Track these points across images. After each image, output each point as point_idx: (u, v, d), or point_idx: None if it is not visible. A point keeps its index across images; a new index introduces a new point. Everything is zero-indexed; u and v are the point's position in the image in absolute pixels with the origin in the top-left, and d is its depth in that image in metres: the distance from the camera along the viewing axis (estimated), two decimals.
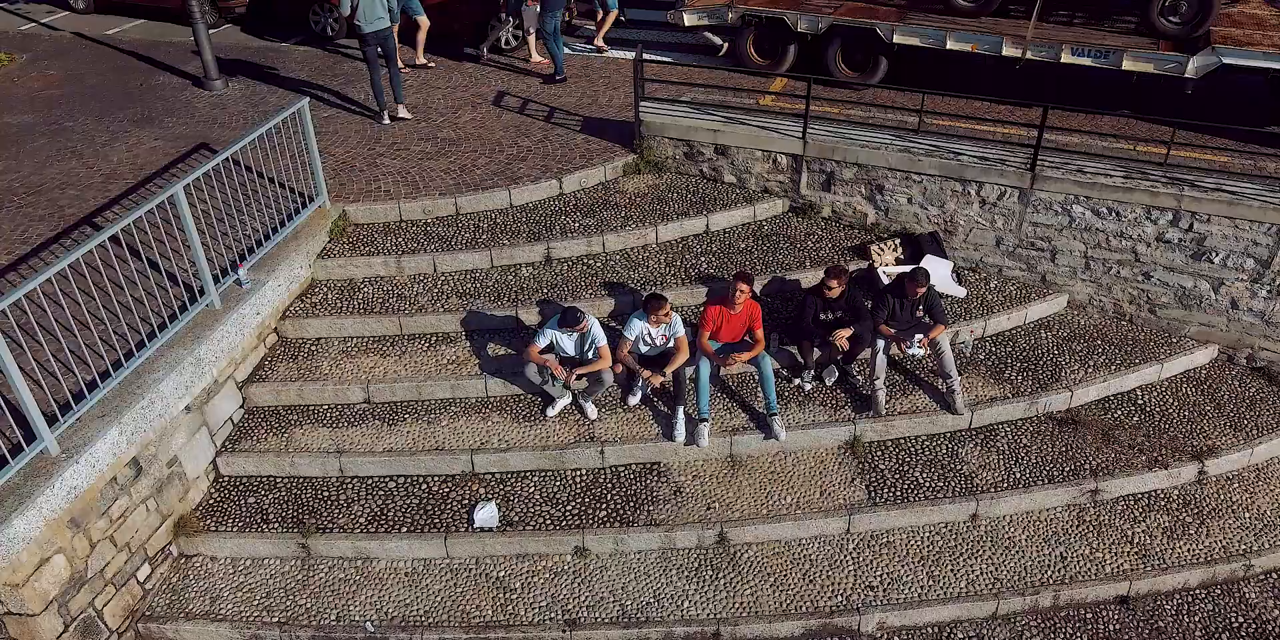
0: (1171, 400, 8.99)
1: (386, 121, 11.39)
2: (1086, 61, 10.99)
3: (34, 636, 6.50)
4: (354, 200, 9.69)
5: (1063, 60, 11.06)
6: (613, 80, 12.72)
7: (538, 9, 12.23)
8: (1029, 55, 11.11)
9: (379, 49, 11.11)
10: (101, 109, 12.02)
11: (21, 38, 15.10)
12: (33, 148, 10.98)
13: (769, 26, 12.22)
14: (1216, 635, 7.44)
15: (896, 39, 11.55)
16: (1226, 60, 10.29)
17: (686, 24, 12.67)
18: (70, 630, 6.70)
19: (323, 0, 14.34)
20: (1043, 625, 7.46)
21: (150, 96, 12.45)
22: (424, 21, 12.84)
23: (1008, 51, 11.19)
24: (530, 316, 8.84)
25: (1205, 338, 9.41)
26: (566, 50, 13.27)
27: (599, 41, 13.81)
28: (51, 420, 6.48)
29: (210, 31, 14.64)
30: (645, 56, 10.36)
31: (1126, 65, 10.79)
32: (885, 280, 9.05)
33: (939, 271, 9.37)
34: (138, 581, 7.33)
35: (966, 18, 11.72)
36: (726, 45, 13.32)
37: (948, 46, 11.42)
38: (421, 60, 13.16)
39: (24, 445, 6.32)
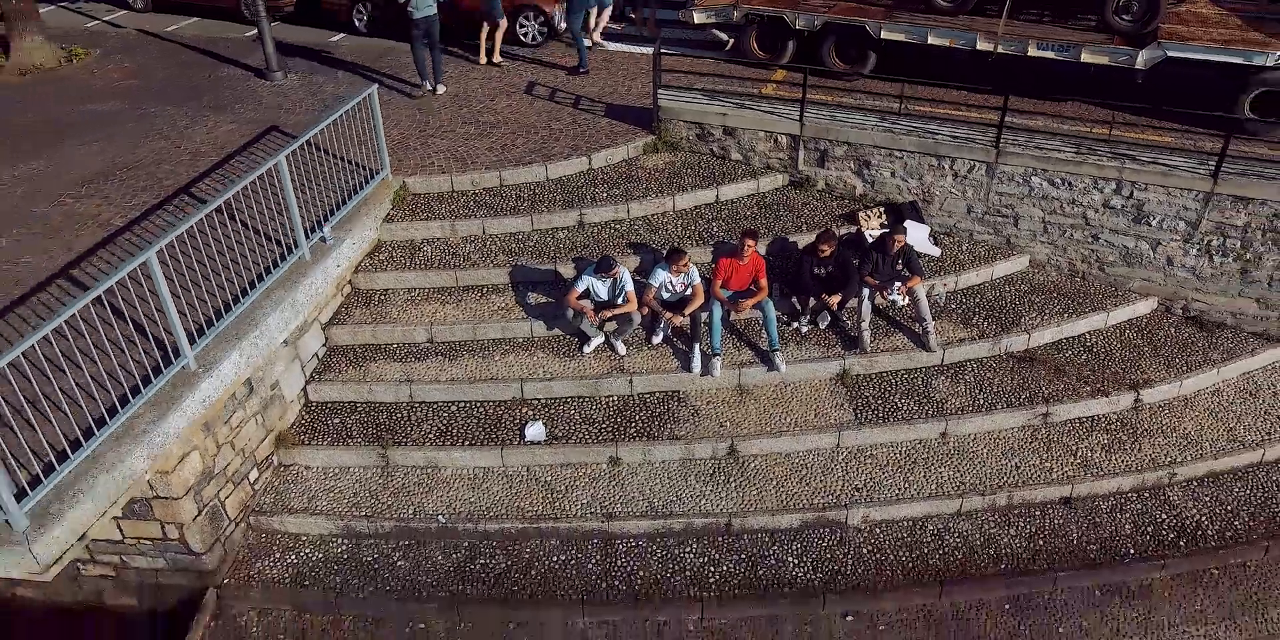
0: (1115, 343, 10.51)
1: (424, 91, 13.04)
2: (1050, 55, 12.46)
3: (175, 517, 8.00)
4: (411, 173, 11.20)
5: (1030, 54, 12.52)
6: (630, 72, 14.20)
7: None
8: (1000, 49, 12.58)
9: (425, 32, 12.68)
10: (177, 97, 13.50)
11: (89, 34, 16.58)
12: (123, 131, 12.48)
13: (770, 24, 13.70)
14: (1143, 529, 8.96)
15: (884, 35, 13.03)
16: (1170, 53, 11.78)
17: (696, 22, 14.14)
18: (202, 515, 8.20)
19: (364, 0, 15.87)
20: (999, 520, 8.98)
21: (218, 86, 13.94)
22: (502, 23, 14.25)
23: (981, 46, 12.66)
24: (567, 271, 10.34)
25: (1146, 291, 10.93)
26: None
27: (596, 36, 15.22)
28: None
29: (250, 33, 16.24)
30: (670, 52, 11.87)
31: (1085, 58, 12.26)
32: (870, 234, 10.57)
33: (917, 235, 10.89)
34: (249, 482, 8.84)
35: (945, 16, 13.19)
36: (732, 41, 14.79)
37: (929, 42, 12.89)
38: (497, 59, 14.53)
39: (171, 359, 7.82)
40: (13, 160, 11.66)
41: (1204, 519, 9.06)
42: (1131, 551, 8.76)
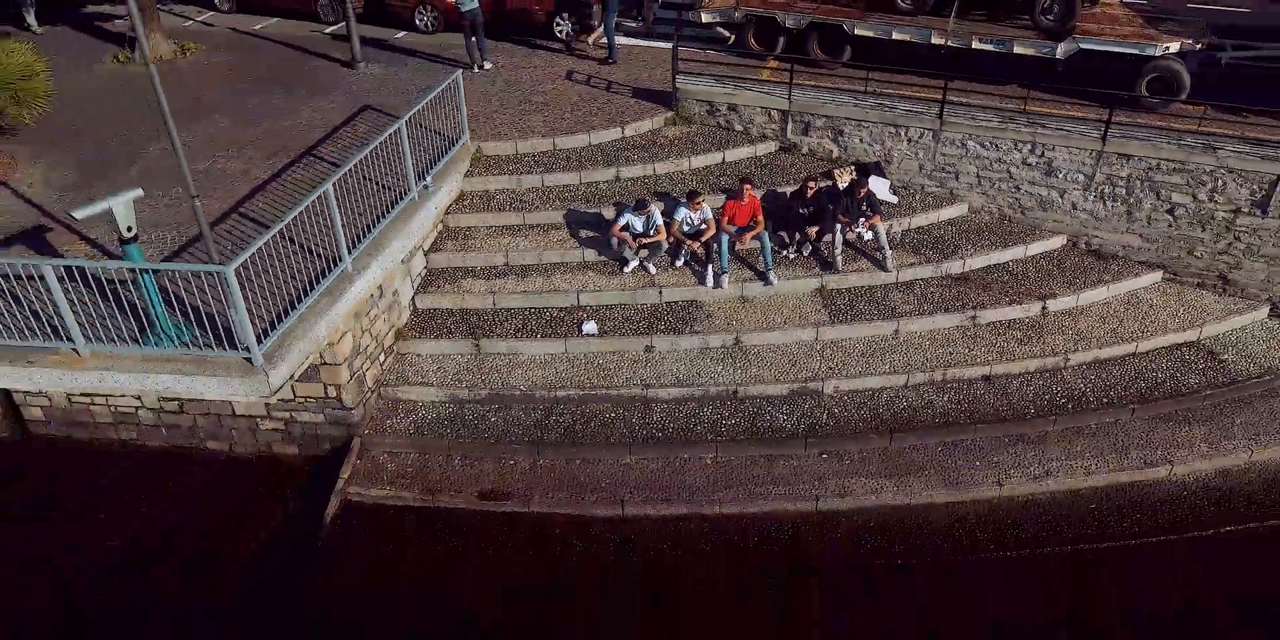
0: (1031, 268, 13.60)
1: (476, 70, 16.14)
2: (989, 47, 15.53)
3: (335, 379, 11.04)
4: (484, 140, 14.27)
5: (973, 46, 15.61)
6: (648, 63, 17.25)
7: None
8: (950, 43, 15.68)
9: (470, 23, 15.82)
10: (281, 83, 16.55)
11: (188, 32, 19.59)
12: (245, 109, 15.52)
13: (764, 22, 16.76)
14: (1042, 397, 12.05)
15: (857, 31, 16.08)
16: (1083, 46, 14.88)
17: (704, 21, 17.22)
18: (352, 379, 11.25)
19: (425, 2, 18.88)
20: (935, 390, 12.07)
21: (312, 75, 16.98)
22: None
23: (935, 40, 15.71)
24: (608, 213, 13.39)
25: (1056, 229, 14.01)
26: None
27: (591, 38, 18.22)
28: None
29: (330, 29, 19.26)
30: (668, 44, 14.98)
31: (1017, 49, 15.33)
32: (841, 186, 13.66)
33: (879, 187, 13.97)
34: (379, 363, 11.91)
35: (907, 16, 16.25)
36: (733, 37, 17.83)
37: (893, 37, 15.94)
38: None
39: (335, 265, 10.86)
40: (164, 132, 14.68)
41: (1088, 390, 12.16)
42: (1032, 412, 11.86)
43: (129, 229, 9.26)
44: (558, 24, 18.18)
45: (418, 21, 19.16)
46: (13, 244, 11.94)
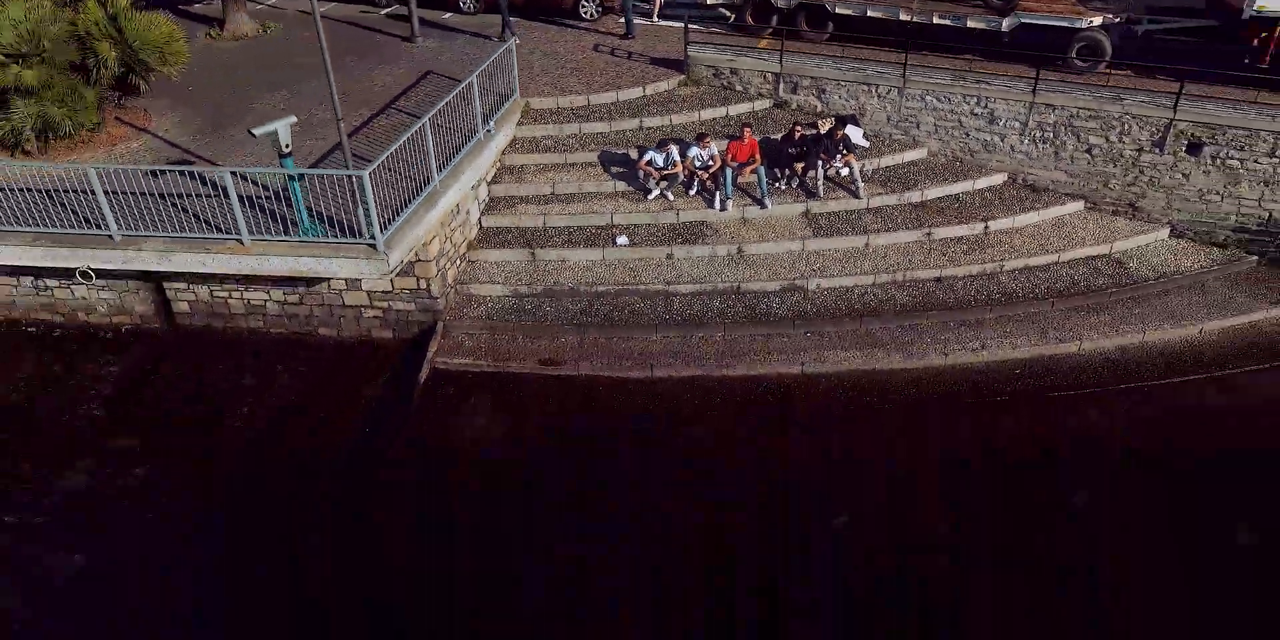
0: (976, 198, 16.74)
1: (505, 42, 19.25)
2: (948, 22, 18.65)
3: (426, 273, 14.13)
4: (530, 97, 17.38)
5: (934, 21, 18.72)
6: (661, 37, 20.30)
7: None
8: (915, 19, 18.78)
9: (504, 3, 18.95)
10: (354, 54, 19.59)
11: (262, 13, 22.65)
12: (335, 74, 18.56)
13: (760, 3, 19.87)
14: (981, 294, 15.18)
15: (838, 10, 19.16)
16: (1023, 20, 18.01)
17: (709, 3, 20.38)
18: (438, 274, 14.36)
19: None
20: (897, 288, 15.21)
21: (378, 48, 20.06)
22: None
23: (903, 17, 18.84)
24: (633, 153, 16.50)
25: (999, 168, 17.15)
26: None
27: (655, 19, 21.35)
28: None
29: (385, 11, 22.29)
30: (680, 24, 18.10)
31: (970, 24, 18.44)
32: (823, 133, 16.80)
33: (855, 133, 17.09)
34: (456, 265, 15.02)
35: None
36: (733, 16, 20.94)
37: (868, 14, 19.07)
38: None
39: (428, 183, 13.96)
40: (270, 89, 17.86)
41: (1018, 288, 15.32)
42: (972, 303, 15.00)
43: (286, 146, 12.36)
44: (583, 6, 21.28)
45: (462, 4, 22.23)
46: (158, 176, 15.03)
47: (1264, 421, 13.49)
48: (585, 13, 21.42)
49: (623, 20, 20.43)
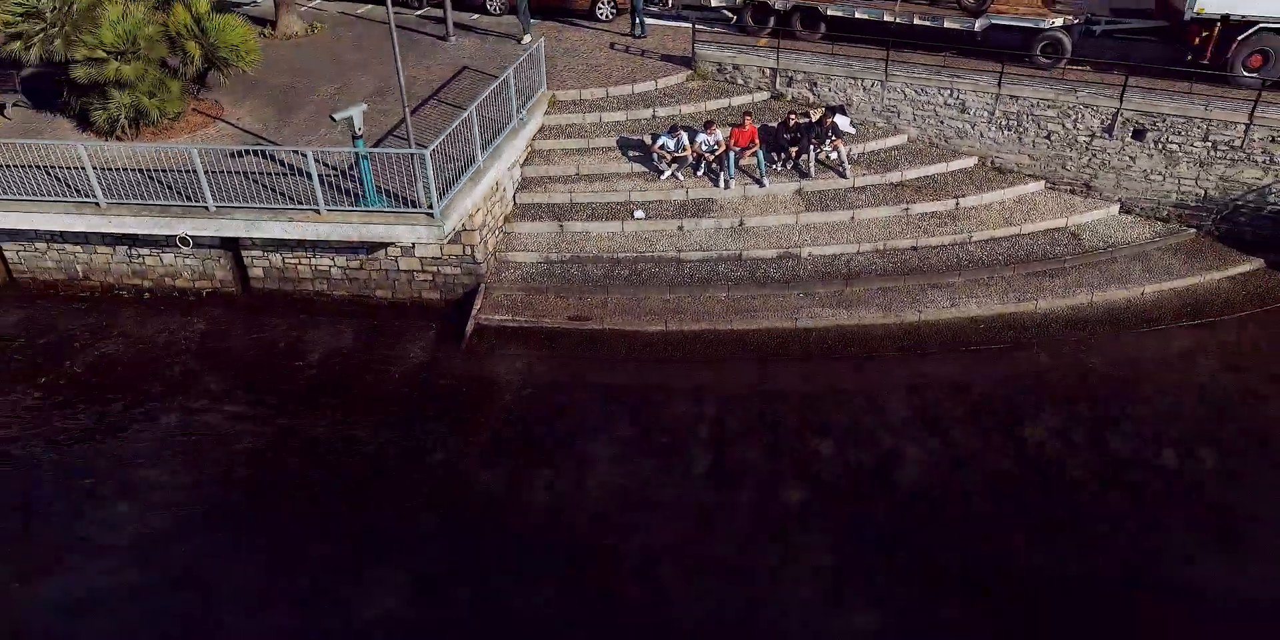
0: (949, 179, 18.99)
1: (524, 41, 21.35)
2: (927, 23, 20.88)
3: (471, 241, 16.39)
4: (556, 89, 19.63)
5: (915, 22, 20.95)
6: (671, 37, 22.52)
7: None
8: (898, 20, 20.99)
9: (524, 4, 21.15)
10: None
11: (306, 14, 24.87)
12: (374, 69, 20.85)
13: (759, 6, 22.09)
14: (951, 261, 17.44)
15: (830, 12, 21.39)
16: (993, 22, 20.24)
17: (713, 5, 22.61)
18: (481, 242, 16.62)
19: None
20: (878, 256, 17.46)
21: (416, 46, 22.26)
22: None
23: (887, 18, 21.05)
24: (648, 139, 18.73)
25: (970, 152, 19.39)
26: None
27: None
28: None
29: (419, 12, 24.49)
30: (687, 24, 20.35)
31: (947, 24, 20.68)
32: (815, 120, 19.06)
33: (843, 121, 19.33)
34: (495, 237, 17.27)
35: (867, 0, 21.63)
36: (735, 17, 23.16)
37: (856, 16, 21.29)
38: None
39: (473, 162, 16.21)
40: (323, 83, 20.10)
41: (984, 256, 17.58)
42: (944, 269, 17.26)
43: (359, 129, 14.62)
44: (599, 8, 23.51)
45: (488, 6, 24.43)
46: (244, 155, 17.29)
47: (1182, 364, 15.84)
48: (601, 14, 23.63)
49: (636, 21, 22.65)
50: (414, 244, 16.02)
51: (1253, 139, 17.35)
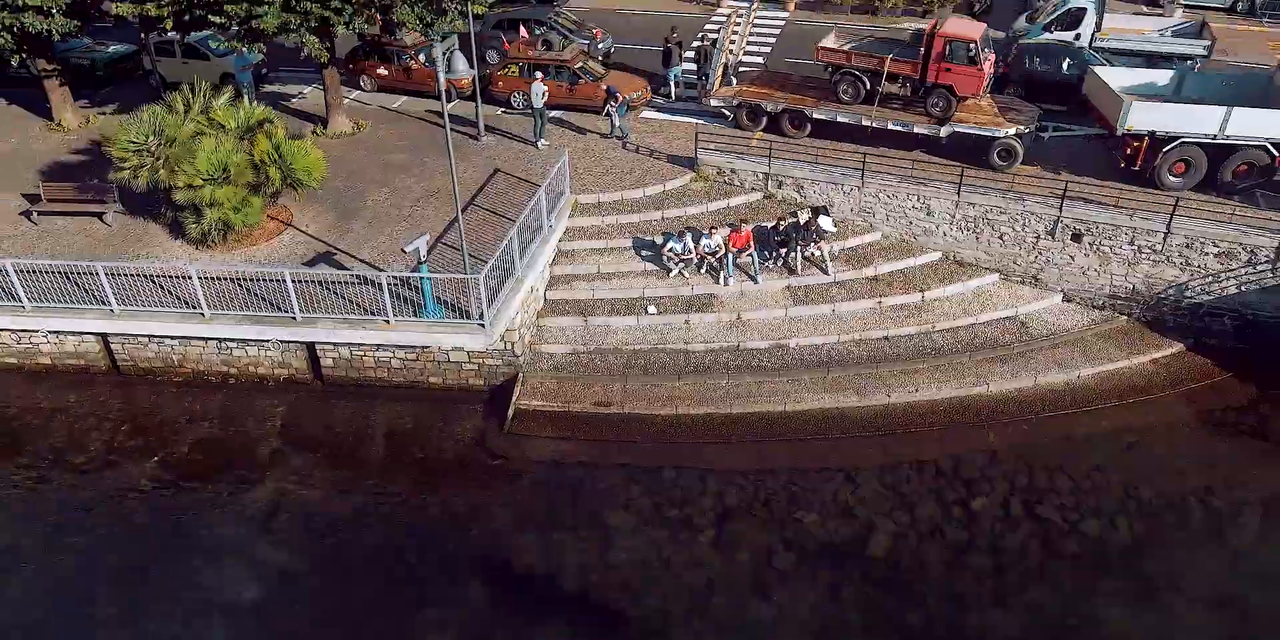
0: (917, 272, 22.09)
1: (541, 145, 24.37)
2: (899, 128, 24.01)
3: (512, 338, 19.43)
4: (578, 193, 22.71)
5: (889, 127, 24.08)
6: (678, 135, 25.45)
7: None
8: (874, 124, 24.11)
9: (540, 109, 24.18)
10: (432, 151, 24.85)
11: (351, 109, 27.89)
12: (417, 170, 23.91)
13: (753, 107, 25.20)
14: (918, 349, 20.51)
15: (815, 115, 24.54)
16: (956, 129, 23.37)
17: (712, 105, 25.71)
18: (520, 340, 19.67)
19: (517, 89, 27.20)
20: (856, 345, 20.55)
21: (454, 147, 25.28)
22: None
23: (864, 123, 24.18)
24: (658, 239, 21.81)
25: (935, 249, 22.48)
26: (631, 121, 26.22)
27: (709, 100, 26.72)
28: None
29: (450, 104, 27.54)
30: (689, 119, 23.44)
31: (917, 130, 23.80)
32: (800, 222, 22.16)
33: (825, 222, 22.43)
34: (530, 332, 20.34)
35: (847, 105, 24.71)
36: (732, 115, 26.22)
37: (838, 119, 24.42)
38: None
39: (511, 272, 19.28)
40: (373, 187, 23.17)
41: (945, 344, 20.70)
42: (911, 356, 20.35)
43: (423, 256, 17.68)
44: (607, 112, 26.53)
45: (511, 101, 27.51)
46: (316, 263, 20.36)
47: (1111, 442, 18.97)
48: (604, 113, 26.63)
49: (616, 126, 25.39)
50: None
51: (1170, 244, 20.50)
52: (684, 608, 15.78)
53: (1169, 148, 21.73)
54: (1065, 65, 26.42)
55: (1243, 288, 20.48)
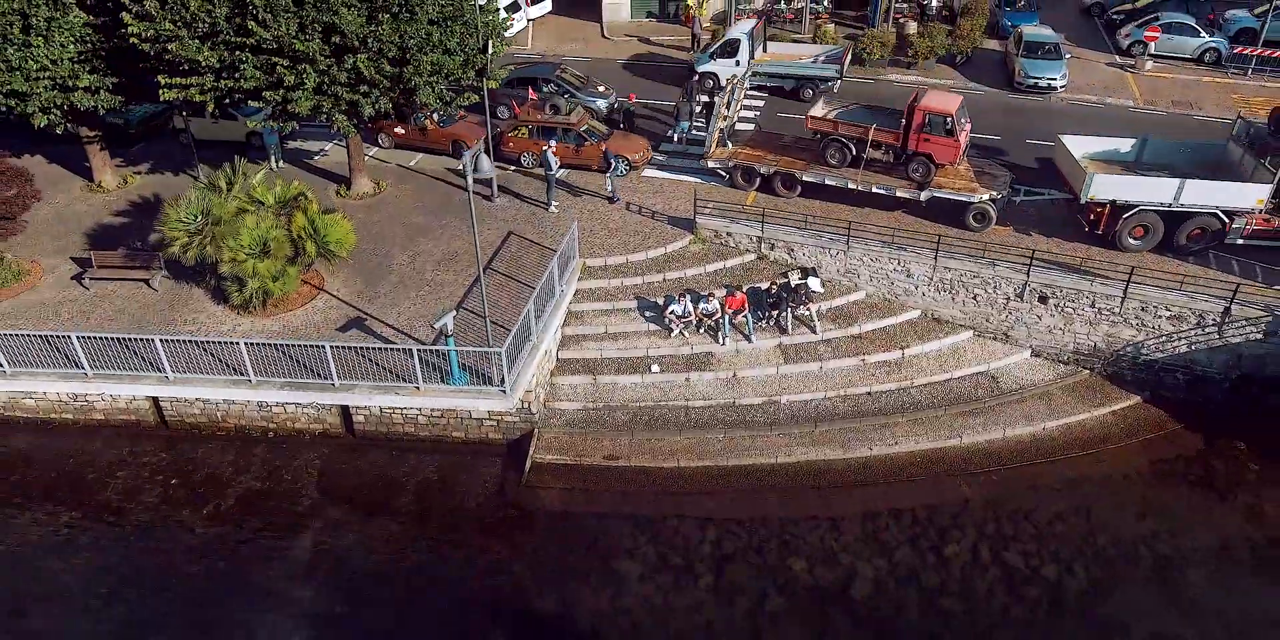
0: (898, 329, 24.07)
1: (552, 208, 26.35)
2: (883, 191, 25.99)
3: (527, 398, 21.39)
4: (585, 256, 24.67)
5: (873, 190, 26.06)
6: (678, 195, 27.33)
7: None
8: (860, 187, 26.09)
9: (549, 174, 26.13)
10: (449, 213, 26.78)
11: (371, 167, 29.79)
12: (436, 233, 25.85)
13: (747, 169, 27.17)
14: (898, 404, 22.49)
15: (804, 178, 26.53)
16: (935, 194, 25.35)
17: (710, 166, 27.69)
18: (536, 400, 21.63)
19: (527, 150, 29.13)
20: (840, 400, 22.54)
21: (466, 208, 27.22)
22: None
23: (850, 185, 26.15)
24: (660, 300, 23.77)
25: (915, 307, 24.46)
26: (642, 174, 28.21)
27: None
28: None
29: (460, 164, 29.40)
30: (688, 178, 25.44)
31: (899, 193, 25.78)
32: (792, 283, 24.13)
33: (814, 283, 24.40)
34: (543, 389, 22.30)
35: (834, 169, 26.68)
36: (728, 176, 28.16)
37: (826, 182, 26.40)
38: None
39: (527, 339, 21.23)
40: (397, 250, 25.11)
41: (923, 399, 22.67)
42: (891, 411, 22.34)
43: (450, 331, 19.63)
44: (615, 166, 28.50)
45: (522, 161, 29.43)
46: (348, 327, 22.29)
47: (1072, 491, 20.95)
48: (620, 172, 28.61)
49: (610, 187, 27.37)
50: None
51: (1127, 308, 22.51)
52: None
53: (1129, 214, 23.75)
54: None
55: (1192, 347, 22.49)
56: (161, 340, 20.49)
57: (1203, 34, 35.96)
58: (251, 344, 20.62)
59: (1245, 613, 18.48)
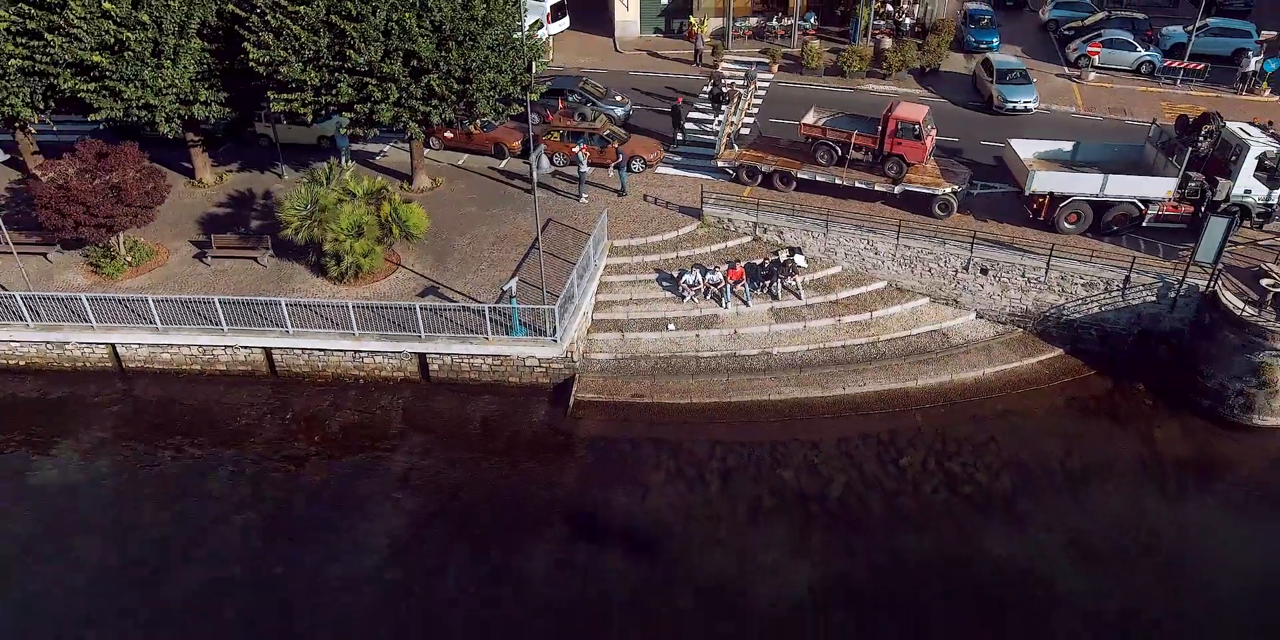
0: (867, 297, 29.49)
1: (580, 200, 31.78)
2: (863, 186, 31.39)
3: (571, 348, 26.81)
4: (613, 238, 30.09)
5: (856, 185, 31.44)
6: (687, 188, 32.81)
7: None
8: (844, 182, 31.46)
9: (580, 169, 31.59)
10: (499, 203, 32.18)
11: (427, 166, 35.16)
12: (488, 220, 31.25)
13: (750, 168, 32.58)
14: (866, 355, 27.98)
15: (799, 175, 31.91)
16: (907, 188, 30.76)
17: (719, 166, 33.12)
18: (575, 350, 27.05)
19: (558, 150, 34.54)
20: (819, 352, 28.00)
21: (510, 198, 32.62)
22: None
23: (837, 181, 31.54)
24: (675, 273, 29.18)
25: (882, 278, 29.88)
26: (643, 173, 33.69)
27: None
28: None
29: (502, 164, 34.93)
30: (696, 174, 30.91)
31: (877, 187, 31.17)
32: (781, 259, 29.58)
33: (800, 259, 29.84)
34: (582, 344, 27.71)
35: (824, 167, 32.06)
36: (734, 174, 33.48)
37: (817, 179, 31.79)
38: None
39: (569, 300, 26.66)
40: (458, 233, 30.53)
41: (887, 351, 28.13)
42: (860, 360, 27.79)
43: (514, 293, 25.06)
44: (633, 162, 33.88)
45: (553, 160, 34.78)
46: (426, 294, 27.70)
47: (1008, 419, 26.43)
48: (635, 168, 34.04)
49: (623, 183, 32.79)
50: None
51: (1050, 278, 27.98)
52: (700, 536, 23.17)
53: (1064, 203, 29.19)
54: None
55: (1102, 308, 27.97)
56: (286, 303, 25.91)
57: (1139, 48, 41.34)
58: (356, 306, 26.03)
59: (1135, 512, 23.93)
